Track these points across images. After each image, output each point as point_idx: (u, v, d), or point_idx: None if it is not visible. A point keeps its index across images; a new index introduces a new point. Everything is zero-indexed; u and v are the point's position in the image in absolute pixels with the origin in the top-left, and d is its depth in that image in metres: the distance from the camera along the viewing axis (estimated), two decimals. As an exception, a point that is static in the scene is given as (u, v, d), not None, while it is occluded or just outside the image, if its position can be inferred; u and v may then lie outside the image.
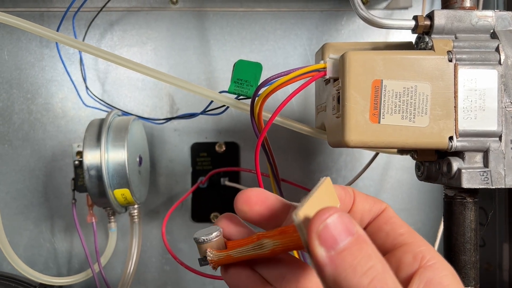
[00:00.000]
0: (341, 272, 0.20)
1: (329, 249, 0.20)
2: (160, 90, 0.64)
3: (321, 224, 0.21)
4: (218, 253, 0.27)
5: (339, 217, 0.21)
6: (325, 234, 0.20)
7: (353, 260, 0.20)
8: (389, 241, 0.26)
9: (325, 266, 0.20)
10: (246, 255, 0.27)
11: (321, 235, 0.20)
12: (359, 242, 0.21)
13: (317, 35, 0.64)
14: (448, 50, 0.37)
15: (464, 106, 0.37)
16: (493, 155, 0.38)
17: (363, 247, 0.21)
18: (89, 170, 0.52)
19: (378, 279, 0.20)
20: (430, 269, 0.24)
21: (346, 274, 0.20)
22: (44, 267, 0.64)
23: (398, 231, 0.26)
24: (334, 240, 0.20)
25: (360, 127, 0.36)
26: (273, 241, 0.26)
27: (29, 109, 0.63)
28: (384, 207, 0.28)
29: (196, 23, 0.64)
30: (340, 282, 0.20)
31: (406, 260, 0.25)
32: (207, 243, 0.27)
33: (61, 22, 0.56)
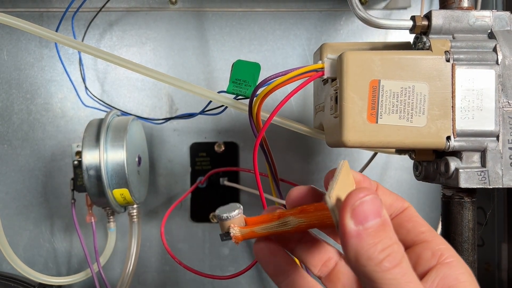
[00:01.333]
0: (363, 246, 0.22)
1: (358, 223, 0.23)
2: (159, 90, 0.64)
3: (358, 201, 0.23)
4: (241, 229, 0.29)
5: (373, 198, 0.23)
6: (358, 210, 0.23)
7: (376, 237, 0.23)
8: (410, 237, 0.28)
9: (351, 237, 0.23)
10: (270, 231, 0.29)
11: (354, 210, 0.23)
12: (384, 225, 0.23)
13: (316, 35, 0.64)
14: (446, 50, 0.37)
15: (462, 106, 0.37)
16: (491, 155, 0.38)
17: (386, 230, 0.23)
18: (88, 170, 0.52)
19: (393, 256, 0.22)
20: (447, 266, 0.26)
21: (368, 248, 0.22)
22: (43, 267, 0.64)
23: (419, 229, 0.28)
24: (365, 217, 0.23)
25: (358, 127, 0.36)
26: (298, 219, 0.28)
27: (29, 109, 0.63)
28: (406, 206, 0.29)
29: (195, 23, 0.64)
30: (362, 254, 0.22)
31: (425, 256, 0.27)
32: (229, 220, 0.29)
33: (60, 22, 0.56)
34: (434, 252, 0.27)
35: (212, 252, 0.65)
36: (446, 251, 0.27)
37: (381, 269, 0.22)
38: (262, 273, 0.66)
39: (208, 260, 0.65)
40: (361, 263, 0.22)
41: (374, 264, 0.22)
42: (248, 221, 0.29)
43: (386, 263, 0.22)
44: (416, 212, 0.29)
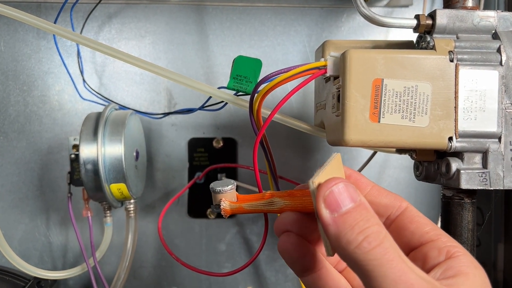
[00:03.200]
0: (341, 231, 0.23)
1: (333, 211, 0.24)
2: (158, 85, 0.63)
3: (327, 190, 0.24)
4: (231, 204, 0.30)
5: (344, 186, 0.24)
6: (330, 199, 0.24)
7: (353, 221, 0.23)
8: (415, 239, 0.28)
9: (328, 225, 0.24)
10: (256, 209, 0.30)
11: (326, 199, 0.24)
12: (360, 208, 0.24)
13: (316, 32, 0.64)
14: (450, 50, 0.37)
15: (465, 106, 0.37)
16: (492, 156, 0.38)
17: (362, 213, 0.24)
18: (85, 164, 0.51)
19: (372, 237, 0.23)
20: (453, 259, 0.26)
21: (345, 232, 0.23)
22: (39, 260, 0.63)
23: (424, 229, 0.28)
24: (338, 204, 0.24)
25: (360, 126, 0.36)
26: (283, 201, 0.29)
27: (25, 101, 0.62)
28: (405, 206, 0.29)
29: (195, 17, 0.63)
30: (341, 239, 0.23)
31: (432, 255, 0.26)
32: (222, 193, 0.30)
33: (58, 14, 0.56)
34: (441, 250, 0.27)
35: (209, 248, 0.65)
36: (453, 248, 0.26)
37: (361, 250, 0.23)
38: (259, 270, 0.66)
39: (204, 255, 0.65)
40: (342, 247, 0.23)
41: (354, 247, 0.23)
42: (239, 197, 0.31)
43: (365, 244, 0.23)
44: (417, 211, 0.29)
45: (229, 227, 0.65)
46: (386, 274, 0.22)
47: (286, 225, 0.29)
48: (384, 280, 0.22)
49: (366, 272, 0.22)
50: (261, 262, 0.65)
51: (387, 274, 0.22)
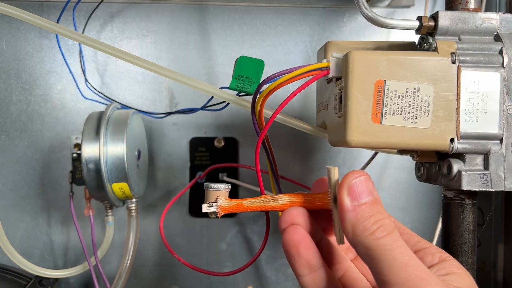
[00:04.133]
0: (359, 218, 0.26)
1: (354, 199, 0.27)
2: (160, 84, 0.63)
3: (353, 180, 0.27)
4: (228, 201, 0.30)
5: (366, 179, 0.28)
6: (353, 188, 0.27)
7: (370, 212, 0.27)
8: (409, 246, 0.29)
9: (348, 212, 0.27)
10: (258, 205, 0.30)
11: (350, 188, 0.27)
12: (376, 202, 0.27)
13: (318, 32, 0.64)
14: (452, 51, 0.37)
15: (466, 108, 0.37)
16: (494, 158, 0.38)
17: (378, 206, 0.27)
18: (87, 163, 0.51)
19: (385, 227, 0.26)
20: (446, 262, 0.29)
21: (363, 220, 0.26)
22: (40, 259, 0.64)
23: (414, 239, 0.31)
24: (359, 194, 0.27)
25: (362, 127, 0.36)
26: (289, 197, 0.30)
27: (27, 100, 0.62)
28: (392, 220, 0.30)
29: (197, 17, 0.63)
30: (357, 226, 0.26)
31: (427, 259, 0.29)
32: (217, 190, 0.30)
33: (61, 13, 0.56)
34: (434, 255, 0.29)
35: (210, 247, 0.65)
36: (443, 254, 0.30)
37: (375, 237, 0.26)
38: (259, 269, 0.66)
39: (205, 255, 0.65)
40: (357, 234, 0.26)
41: (369, 234, 0.26)
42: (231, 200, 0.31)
43: (379, 232, 0.26)
44: (403, 225, 0.33)
45: (230, 227, 0.65)
46: (396, 257, 0.25)
47: (293, 217, 0.30)
48: (394, 263, 0.25)
49: (377, 256, 0.25)
50: (262, 261, 0.66)
51: (397, 258, 0.25)
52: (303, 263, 0.29)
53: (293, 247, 0.29)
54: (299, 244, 0.29)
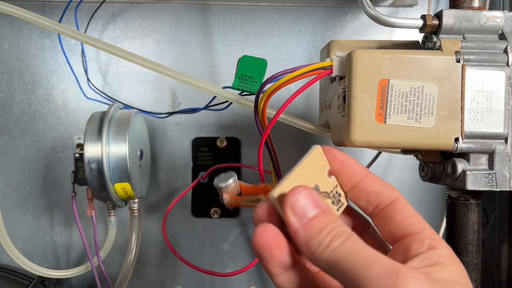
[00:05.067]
0: (310, 235, 0.25)
1: (300, 218, 0.25)
2: (162, 84, 0.63)
3: (293, 198, 0.25)
4: (231, 199, 0.32)
5: (307, 193, 0.26)
6: (296, 206, 0.25)
7: (320, 225, 0.25)
8: (400, 229, 0.28)
9: (298, 231, 0.25)
10: (249, 205, 0.31)
11: (293, 207, 0.25)
12: (324, 212, 0.26)
13: (321, 31, 0.64)
14: (456, 50, 0.37)
15: (471, 107, 0.37)
16: (499, 157, 0.37)
17: (327, 216, 0.25)
18: (90, 163, 0.51)
19: (339, 234, 0.24)
20: (434, 250, 0.26)
21: (315, 235, 0.25)
22: (42, 259, 0.64)
23: (410, 221, 0.28)
24: (304, 211, 0.25)
25: (366, 126, 0.36)
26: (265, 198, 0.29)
27: (30, 100, 0.62)
28: (396, 196, 0.28)
29: (200, 16, 0.63)
30: (311, 242, 0.24)
31: (414, 246, 0.26)
32: (224, 188, 0.32)
33: (63, 13, 0.55)
34: (423, 242, 0.26)
35: (212, 248, 0.65)
36: (435, 241, 0.26)
37: (331, 249, 0.24)
38: (262, 270, 0.65)
39: (208, 255, 0.65)
40: (313, 251, 0.24)
41: (324, 247, 0.24)
42: (242, 187, 0.32)
43: (333, 242, 0.24)
44: (407, 203, 0.29)
45: (233, 227, 0.65)
46: (358, 261, 0.23)
47: (265, 213, 0.28)
48: (357, 267, 0.22)
49: (340, 267, 0.23)
50: (265, 261, 0.65)
51: (360, 261, 0.23)
52: (276, 264, 0.26)
53: (265, 249, 0.26)
54: (271, 245, 0.26)
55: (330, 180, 0.29)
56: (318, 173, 0.28)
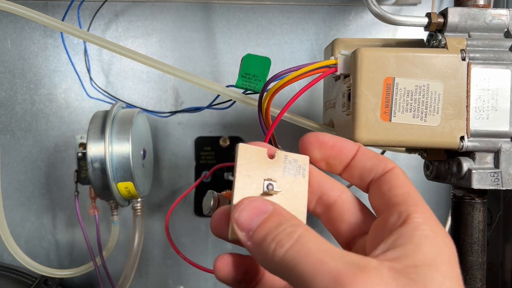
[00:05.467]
0: (258, 245, 0.23)
1: (247, 231, 0.24)
2: (165, 83, 0.63)
3: (236, 213, 0.24)
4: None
5: (248, 203, 0.24)
6: (240, 221, 0.24)
7: (264, 233, 0.23)
8: (383, 202, 0.25)
9: (247, 245, 0.24)
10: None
11: (238, 223, 0.24)
12: (270, 218, 0.24)
13: (324, 30, 0.63)
14: (462, 48, 0.37)
15: (476, 105, 0.37)
16: (504, 156, 0.37)
17: (274, 220, 0.23)
18: (92, 162, 0.51)
19: (285, 240, 0.22)
20: (407, 225, 0.22)
21: (261, 245, 0.23)
22: (45, 259, 0.63)
23: (395, 192, 0.25)
24: (248, 224, 0.24)
25: (371, 125, 0.36)
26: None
27: (32, 99, 0.62)
28: (390, 167, 0.26)
29: (202, 15, 0.63)
30: (261, 253, 0.23)
31: (391, 221, 0.23)
32: (212, 212, 0.33)
33: (66, 12, 0.55)
34: (401, 214, 0.23)
35: (215, 247, 0.65)
36: (415, 212, 0.23)
37: (277, 257, 0.22)
38: (265, 269, 0.65)
39: (211, 254, 0.65)
40: (263, 261, 0.23)
41: (272, 255, 0.22)
42: (224, 196, 0.34)
43: (278, 249, 0.22)
44: (400, 174, 0.26)
45: (236, 226, 0.65)
46: (306, 269, 0.20)
47: (217, 222, 0.27)
48: (304, 277, 0.20)
49: (290, 275, 0.21)
50: (268, 261, 0.65)
51: (307, 269, 0.20)
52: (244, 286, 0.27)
53: (229, 279, 0.27)
54: (234, 274, 0.26)
55: (276, 157, 0.27)
56: (260, 165, 0.26)
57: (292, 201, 0.26)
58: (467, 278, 0.40)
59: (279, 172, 0.26)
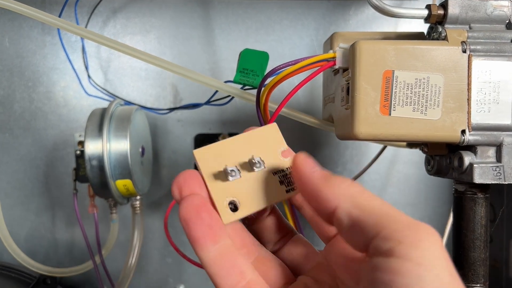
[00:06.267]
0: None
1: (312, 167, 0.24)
2: (164, 80, 0.63)
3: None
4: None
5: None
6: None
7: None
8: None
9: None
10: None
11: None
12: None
13: (324, 25, 0.63)
14: (462, 40, 0.36)
15: (478, 98, 0.36)
16: (507, 149, 0.36)
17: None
18: (90, 160, 0.51)
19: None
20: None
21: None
22: (44, 258, 0.63)
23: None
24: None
25: (370, 119, 0.35)
26: None
27: (31, 97, 0.62)
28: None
29: (201, 11, 0.62)
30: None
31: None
32: None
33: (63, 8, 0.55)
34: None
35: (216, 245, 0.64)
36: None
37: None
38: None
39: (211, 253, 0.64)
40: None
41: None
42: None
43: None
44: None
45: (236, 224, 0.64)
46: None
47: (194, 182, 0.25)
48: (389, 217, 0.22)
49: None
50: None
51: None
52: (205, 230, 0.23)
53: (193, 211, 0.23)
54: (200, 208, 0.24)
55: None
56: (221, 160, 0.26)
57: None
58: (470, 274, 0.39)
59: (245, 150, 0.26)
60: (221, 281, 0.23)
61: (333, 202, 0.22)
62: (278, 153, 0.27)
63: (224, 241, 0.24)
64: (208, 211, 0.24)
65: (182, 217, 0.24)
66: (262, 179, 0.26)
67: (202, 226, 0.23)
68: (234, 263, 0.24)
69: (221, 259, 0.24)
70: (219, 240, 0.24)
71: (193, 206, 0.24)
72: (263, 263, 0.27)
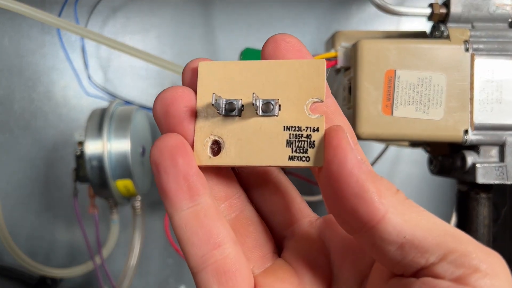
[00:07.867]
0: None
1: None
2: (164, 79, 0.62)
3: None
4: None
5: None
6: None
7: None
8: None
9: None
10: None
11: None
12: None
13: (325, 24, 0.62)
14: (465, 39, 0.36)
15: (480, 98, 0.36)
16: (510, 149, 0.36)
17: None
18: (91, 160, 0.50)
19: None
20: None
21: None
22: (45, 258, 0.63)
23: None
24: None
25: (372, 119, 0.35)
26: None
27: (30, 97, 0.62)
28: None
29: (201, 10, 0.62)
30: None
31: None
32: None
33: (62, 8, 0.55)
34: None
35: (217, 245, 0.64)
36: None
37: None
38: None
39: (212, 253, 0.64)
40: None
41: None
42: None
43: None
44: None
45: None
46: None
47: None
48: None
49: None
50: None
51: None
52: (179, 182, 0.18)
53: (166, 153, 0.18)
54: (176, 150, 0.19)
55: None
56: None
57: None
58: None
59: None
60: (190, 249, 0.19)
61: (380, 211, 0.17)
62: (307, 102, 0.20)
63: (202, 198, 0.19)
64: (186, 156, 0.19)
65: (153, 160, 0.19)
66: (266, 129, 0.19)
67: (176, 177, 0.18)
68: (210, 231, 0.19)
69: (195, 223, 0.19)
70: (196, 198, 0.19)
71: (167, 147, 0.18)
72: (243, 226, 0.21)
